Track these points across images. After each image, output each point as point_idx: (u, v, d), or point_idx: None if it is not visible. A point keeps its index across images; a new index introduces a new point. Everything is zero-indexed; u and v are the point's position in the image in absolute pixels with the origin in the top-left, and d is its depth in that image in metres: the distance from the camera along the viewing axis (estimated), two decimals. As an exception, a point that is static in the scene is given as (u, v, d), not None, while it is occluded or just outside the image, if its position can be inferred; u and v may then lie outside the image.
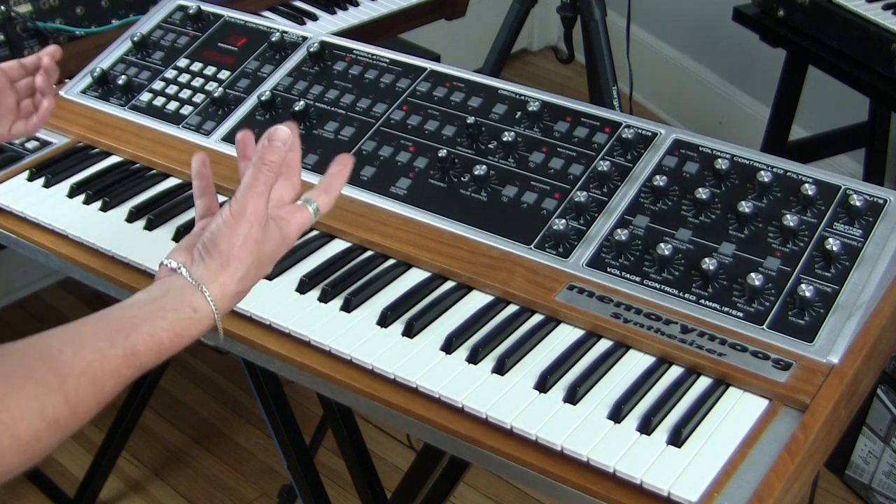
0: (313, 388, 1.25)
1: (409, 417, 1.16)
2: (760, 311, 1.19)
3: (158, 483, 2.49)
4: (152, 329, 0.95)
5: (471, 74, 1.55)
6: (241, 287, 1.03)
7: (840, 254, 1.21)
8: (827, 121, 2.96)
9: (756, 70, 3.28)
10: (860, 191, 1.28)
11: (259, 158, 1.04)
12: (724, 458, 1.04)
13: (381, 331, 1.24)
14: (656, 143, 1.39)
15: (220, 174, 1.52)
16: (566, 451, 1.06)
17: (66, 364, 0.88)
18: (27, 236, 1.48)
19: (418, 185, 1.43)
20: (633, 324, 1.20)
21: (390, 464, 2.46)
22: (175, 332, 0.96)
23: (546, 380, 1.14)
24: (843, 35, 2.21)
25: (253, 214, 1.02)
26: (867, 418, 2.25)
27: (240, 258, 1.01)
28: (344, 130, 1.53)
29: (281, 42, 1.69)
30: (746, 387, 1.13)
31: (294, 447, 1.79)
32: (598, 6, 2.44)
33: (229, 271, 1.01)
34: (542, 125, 1.45)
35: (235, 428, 2.63)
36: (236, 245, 1.01)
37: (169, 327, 0.96)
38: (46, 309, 3.01)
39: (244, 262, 1.02)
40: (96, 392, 0.89)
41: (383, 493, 1.85)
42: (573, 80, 3.85)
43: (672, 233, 1.29)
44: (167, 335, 0.95)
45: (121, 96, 1.71)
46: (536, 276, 1.28)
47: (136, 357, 0.93)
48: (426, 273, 1.34)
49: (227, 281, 1.01)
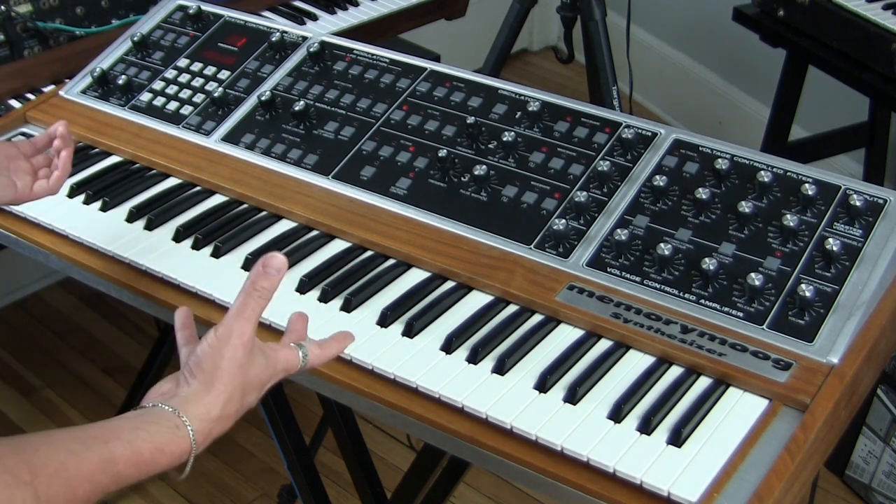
0: (313, 388, 1.25)
1: (409, 417, 1.16)
2: (760, 311, 1.19)
3: (158, 483, 2.49)
4: (132, 438, 0.94)
5: (471, 74, 1.55)
6: (225, 411, 1.02)
7: (840, 254, 1.21)
8: (827, 121, 2.95)
9: (756, 70, 3.28)
10: (860, 191, 1.28)
11: (251, 284, 1.04)
12: (724, 458, 1.04)
13: (381, 331, 1.24)
14: (656, 143, 1.39)
15: (219, 174, 1.53)
16: (566, 451, 1.06)
17: (40, 460, 0.87)
18: (27, 236, 1.48)
19: (418, 185, 1.43)
20: (633, 324, 1.20)
21: (390, 464, 2.46)
22: (156, 446, 0.95)
23: (546, 380, 1.14)
24: (843, 35, 2.21)
25: (238, 338, 1.02)
26: (867, 418, 2.25)
27: (224, 380, 1.01)
28: (344, 130, 1.53)
29: (281, 42, 1.69)
30: (746, 387, 1.13)
31: (294, 447, 1.79)
32: (598, 6, 2.44)
33: (213, 393, 1.00)
34: (542, 125, 1.45)
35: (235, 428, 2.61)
36: (221, 367, 1.01)
37: (150, 439, 0.95)
38: (46, 309, 3.01)
39: (228, 384, 1.01)
40: (68, 493, 0.88)
41: (383, 493, 1.85)
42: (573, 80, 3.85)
43: (672, 233, 1.29)
44: (147, 447, 0.94)
45: (121, 96, 1.71)
46: (536, 276, 1.28)
47: (114, 464, 0.92)
48: (426, 273, 1.34)
49: (211, 402, 1.00)
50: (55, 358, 2.83)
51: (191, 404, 0.99)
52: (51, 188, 1.39)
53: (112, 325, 2.94)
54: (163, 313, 1.37)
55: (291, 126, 1.56)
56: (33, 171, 1.40)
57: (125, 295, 1.40)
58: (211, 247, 1.40)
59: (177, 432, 0.97)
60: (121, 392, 2.68)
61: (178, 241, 1.42)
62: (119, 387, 2.71)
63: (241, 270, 1.35)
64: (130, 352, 2.83)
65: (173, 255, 1.40)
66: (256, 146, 1.55)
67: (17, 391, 2.73)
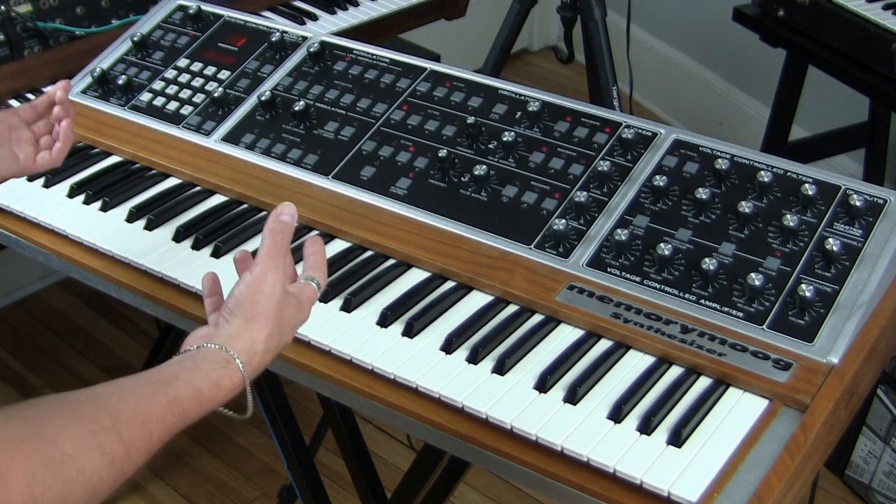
0: (313, 388, 1.25)
1: (409, 417, 1.16)
2: (760, 311, 1.19)
3: (158, 483, 2.49)
4: (190, 378, 0.97)
5: (471, 74, 1.55)
6: (268, 345, 1.04)
7: (840, 254, 1.21)
8: (827, 121, 2.95)
9: (756, 70, 3.28)
10: (860, 191, 1.28)
11: (271, 230, 1.07)
12: (724, 458, 1.04)
13: (381, 331, 1.24)
14: (656, 143, 1.39)
15: (219, 174, 1.53)
16: (566, 451, 1.06)
17: (115, 408, 0.90)
18: (27, 236, 1.48)
19: (418, 185, 1.43)
20: (633, 324, 1.20)
21: (390, 464, 2.46)
22: (212, 381, 0.98)
23: (546, 380, 1.14)
24: (843, 35, 2.21)
25: (274, 276, 1.05)
26: (867, 418, 2.25)
27: (264, 315, 1.03)
28: (344, 130, 1.53)
29: (281, 42, 1.69)
30: (746, 387, 1.13)
31: (294, 447, 1.79)
32: (598, 6, 2.44)
33: (255, 328, 1.03)
34: (542, 125, 1.45)
35: (235, 428, 2.62)
36: (260, 303, 1.03)
37: (205, 376, 0.97)
38: (46, 309, 3.01)
39: (269, 319, 1.04)
40: (146, 435, 0.91)
41: (383, 493, 1.85)
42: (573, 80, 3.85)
43: (672, 233, 1.29)
44: (205, 384, 0.97)
45: (121, 96, 1.71)
46: (536, 276, 1.28)
47: (179, 403, 0.94)
48: (426, 273, 1.34)
49: (254, 336, 1.03)
50: (55, 358, 2.83)
51: (235, 340, 1.01)
52: (54, 160, 1.38)
53: (112, 325, 2.94)
54: (163, 313, 1.37)
55: (291, 126, 1.56)
56: (35, 140, 1.38)
57: (125, 295, 1.40)
58: (211, 247, 1.40)
59: (228, 366, 0.99)
60: (121, 392, 2.67)
61: (178, 241, 1.42)
62: (119, 387, 2.71)
63: (241, 270, 1.35)
64: (130, 352, 2.83)
65: (173, 255, 1.40)
66: (256, 146, 1.55)
67: (17, 391, 2.73)
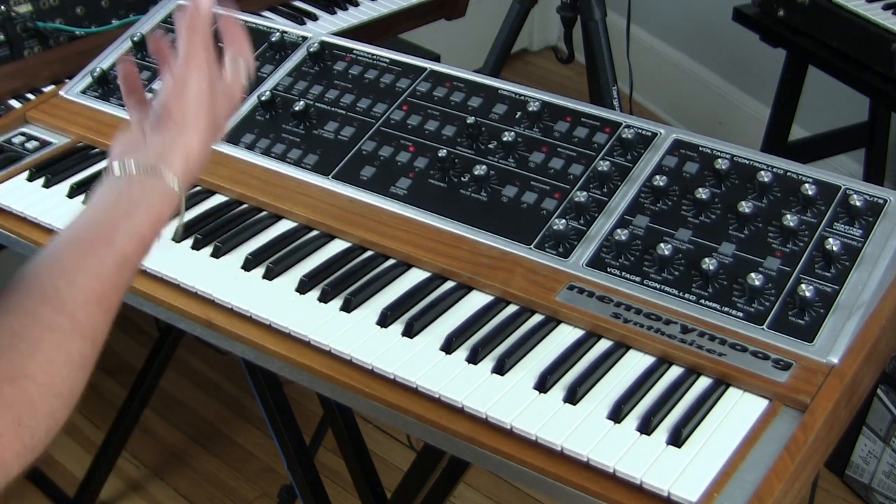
0: (313, 388, 1.25)
1: (409, 417, 1.16)
2: (760, 311, 1.19)
3: (158, 483, 2.49)
4: (132, 226, 0.91)
5: (471, 74, 1.55)
6: (202, 150, 0.99)
7: (840, 254, 1.21)
8: (827, 121, 2.95)
9: (756, 70, 3.28)
10: (860, 191, 1.28)
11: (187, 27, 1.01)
12: (724, 458, 1.04)
13: (381, 331, 1.24)
14: (656, 143, 1.39)
15: (219, 174, 1.53)
16: (566, 451, 1.06)
17: (68, 299, 0.85)
18: (27, 236, 1.48)
19: (418, 185, 1.43)
20: (633, 324, 1.20)
21: (390, 464, 2.46)
22: (153, 220, 0.93)
23: (546, 380, 1.14)
24: (843, 35, 2.21)
25: (198, 75, 0.99)
26: (867, 418, 2.25)
27: (196, 120, 0.98)
28: (344, 130, 1.53)
29: (281, 42, 1.69)
30: (746, 387, 1.13)
31: (294, 447, 1.79)
32: (598, 6, 2.44)
33: (188, 137, 0.97)
34: (542, 125, 1.45)
35: (235, 428, 2.63)
36: (189, 109, 0.98)
37: (146, 218, 0.92)
38: (46, 309, 3.00)
39: (200, 123, 0.98)
40: (104, 314, 0.88)
41: (383, 493, 1.85)
42: (573, 80, 3.85)
43: (672, 233, 1.29)
44: (146, 225, 0.92)
45: (121, 96, 1.71)
46: (536, 276, 1.28)
47: (127, 260, 0.90)
48: (426, 273, 1.34)
49: (189, 147, 0.97)
50: (55, 358, 2.83)
51: (168, 156, 0.96)
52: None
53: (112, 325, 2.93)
54: (163, 313, 1.37)
55: (291, 126, 1.56)
56: None
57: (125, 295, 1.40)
58: (211, 247, 1.40)
59: (166, 197, 0.95)
60: (121, 392, 2.67)
61: (177, 241, 1.42)
62: (119, 387, 2.71)
63: (241, 270, 1.35)
64: (130, 352, 2.83)
65: (173, 255, 1.39)
66: (256, 146, 1.55)
67: (17, 391, 2.73)
